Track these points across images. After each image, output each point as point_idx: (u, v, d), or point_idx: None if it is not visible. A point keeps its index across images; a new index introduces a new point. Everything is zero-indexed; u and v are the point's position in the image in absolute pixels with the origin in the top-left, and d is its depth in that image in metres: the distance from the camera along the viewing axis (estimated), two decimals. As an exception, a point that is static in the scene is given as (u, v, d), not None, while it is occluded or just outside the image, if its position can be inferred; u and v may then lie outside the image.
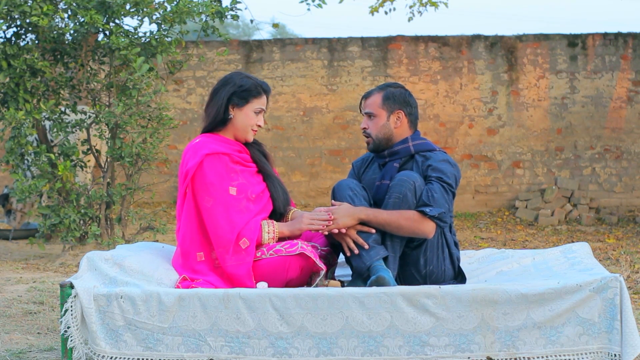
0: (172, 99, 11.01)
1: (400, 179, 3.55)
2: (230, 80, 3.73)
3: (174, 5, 6.55)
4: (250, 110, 3.71)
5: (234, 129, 3.74)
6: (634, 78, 11.07)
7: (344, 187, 3.65)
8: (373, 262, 3.47)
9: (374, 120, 3.75)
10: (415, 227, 3.51)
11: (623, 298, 3.14)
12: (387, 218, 3.49)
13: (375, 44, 11.32)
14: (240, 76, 3.75)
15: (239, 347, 3.24)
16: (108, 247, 6.35)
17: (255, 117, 3.73)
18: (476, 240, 8.90)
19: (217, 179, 3.57)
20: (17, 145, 6.52)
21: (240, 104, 3.70)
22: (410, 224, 3.49)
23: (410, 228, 3.50)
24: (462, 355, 3.17)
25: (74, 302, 3.29)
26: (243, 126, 3.72)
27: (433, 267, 3.61)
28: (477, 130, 11.26)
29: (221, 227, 3.52)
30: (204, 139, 3.69)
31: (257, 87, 3.73)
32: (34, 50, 6.49)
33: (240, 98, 3.70)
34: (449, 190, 3.59)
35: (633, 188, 11.14)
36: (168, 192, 11.43)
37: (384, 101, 3.74)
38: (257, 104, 3.72)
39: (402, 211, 3.50)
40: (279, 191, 3.75)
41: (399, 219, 3.49)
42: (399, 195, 3.52)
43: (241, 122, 3.72)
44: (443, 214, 3.53)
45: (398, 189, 3.53)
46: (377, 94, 3.77)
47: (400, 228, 3.50)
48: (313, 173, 11.37)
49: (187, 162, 3.62)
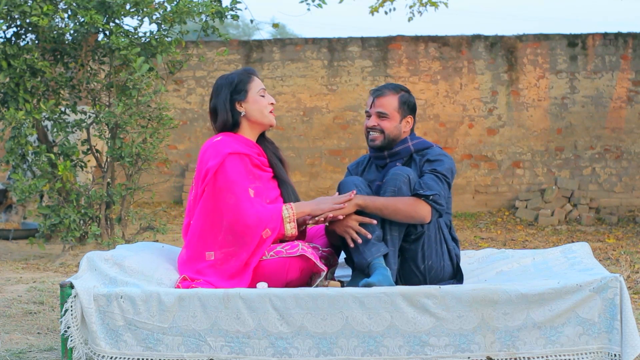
0: (172, 99, 11.02)
1: (394, 173, 3.61)
2: (220, 86, 3.73)
3: (174, 5, 6.55)
4: (255, 95, 3.72)
5: (251, 123, 3.72)
6: (634, 78, 11.07)
7: (349, 184, 3.68)
8: (373, 259, 3.50)
9: (386, 120, 3.77)
10: (412, 210, 3.55)
11: (623, 298, 3.14)
12: (384, 202, 3.55)
13: (375, 44, 11.32)
14: (224, 77, 3.76)
15: (239, 347, 3.24)
16: (108, 247, 6.35)
17: (264, 99, 3.73)
18: (476, 240, 8.90)
19: (239, 177, 3.55)
20: (17, 145, 6.52)
21: (243, 96, 3.70)
22: (407, 207, 3.54)
23: (407, 211, 3.55)
24: (462, 355, 3.17)
25: (74, 302, 3.29)
26: (259, 112, 3.72)
27: (432, 262, 3.64)
28: (477, 130, 11.26)
29: (249, 218, 3.49)
30: (225, 137, 3.66)
31: (244, 75, 3.75)
32: (34, 50, 6.49)
33: (238, 92, 3.70)
34: (443, 179, 3.65)
35: (633, 188, 11.13)
36: (168, 192, 11.44)
37: (400, 105, 3.78)
38: (256, 87, 3.73)
39: (397, 197, 3.56)
40: (292, 199, 3.73)
41: (395, 202, 3.54)
42: (394, 189, 3.57)
43: (255, 110, 3.71)
44: (437, 196, 3.58)
45: (393, 183, 3.59)
46: (393, 96, 3.78)
47: (397, 211, 3.54)
48: (313, 173, 11.37)
49: (208, 161, 3.58)
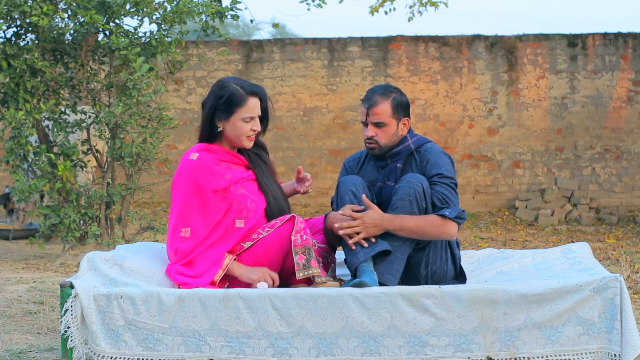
0: (172, 99, 11.01)
1: (408, 180, 3.55)
2: (212, 93, 3.52)
3: (174, 5, 6.55)
4: (238, 120, 3.50)
5: (228, 139, 3.58)
6: (634, 78, 11.07)
7: (348, 183, 3.63)
8: (360, 263, 3.44)
9: (384, 129, 3.68)
10: (441, 231, 3.54)
11: (623, 298, 3.14)
12: (413, 227, 3.48)
13: (375, 44, 11.32)
14: (221, 86, 3.52)
15: (239, 347, 3.24)
16: (108, 247, 6.35)
17: (247, 125, 3.51)
18: (476, 240, 8.90)
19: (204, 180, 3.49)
20: (17, 145, 6.52)
21: (225, 117, 3.50)
22: (436, 229, 3.52)
23: (436, 233, 3.54)
24: (462, 355, 3.17)
25: (74, 302, 3.29)
26: (235, 136, 3.53)
27: (436, 267, 3.62)
28: (477, 130, 11.25)
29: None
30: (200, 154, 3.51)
31: (239, 95, 3.49)
32: (34, 50, 6.49)
33: (222, 111, 3.49)
34: (453, 185, 3.63)
35: (633, 188, 11.13)
36: (168, 192, 11.41)
37: (394, 110, 3.68)
38: (243, 113, 3.49)
39: (424, 218, 3.50)
40: (271, 205, 3.63)
41: (424, 226, 3.49)
42: (408, 197, 3.51)
43: (231, 133, 3.53)
44: (461, 212, 3.57)
45: (406, 190, 3.52)
46: (385, 102, 3.67)
47: (426, 235, 3.53)
48: (313, 173, 11.36)
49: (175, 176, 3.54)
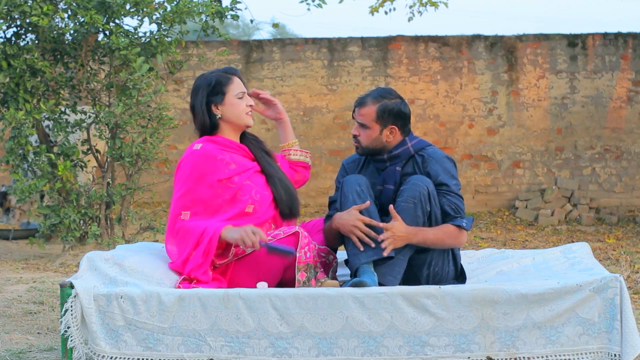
0: (172, 99, 11.02)
1: (413, 182, 3.54)
2: (198, 87, 3.70)
3: (174, 5, 6.55)
4: (232, 98, 3.68)
5: (229, 125, 3.70)
6: (634, 78, 11.07)
7: (352, 183, 3.62)
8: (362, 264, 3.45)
9: (366, 131, 3.68)
10: (457, 241, 3.61)
11: (623, 298, 3.14)
12: (433, 239, 3.53)
13: (375, 44, 11.32)
14: (203, 77, 3.72)
15: (239, 347, 3.24)
16: (108, 247, 6.35)
17: (242, 102, 3.69)
18: (476, 240, 8.90)
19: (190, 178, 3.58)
20: (17, 145, 6.52)
21: (220, 99, 3.67)
22: (453, 240, 3.58)
23: (453, 243, 3.60)
24: (462, 355, 3.17)
25: (74, 302, 3.29)
26: (235, 116, 3.69)
27: (438, 268, 3.63)
28: (477, 130, 11.25)
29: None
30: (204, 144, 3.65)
31: (223, 76, 3.70)
32: (34, 50, 6.49)
33: (215, 94, 3.67)
34: (459, 188, 3.66)
35: (633, 188, 11.13)
36: (168, 192, 11.43)
37: (378, 116, 3.65)
38: (234, 90, 3.68)
39: (442, 229, 3.54)
40: (281, 194, 3.70)
41: (443, 238, 3.55)
42: (412, 200, 3.51)
43: (231, 113, 3.68)
44: (472, 220, 3.64)
45: (411, 193, 3.52)
46: (372, 106, 3.66)
47: (443, 245, 3.59)
48: (313, 173, 11.36)
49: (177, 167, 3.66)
